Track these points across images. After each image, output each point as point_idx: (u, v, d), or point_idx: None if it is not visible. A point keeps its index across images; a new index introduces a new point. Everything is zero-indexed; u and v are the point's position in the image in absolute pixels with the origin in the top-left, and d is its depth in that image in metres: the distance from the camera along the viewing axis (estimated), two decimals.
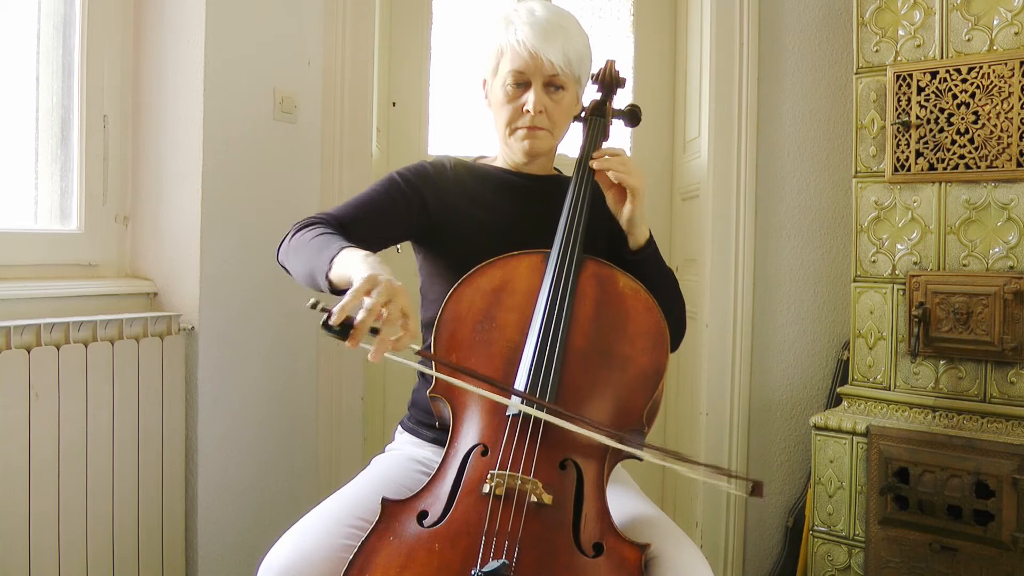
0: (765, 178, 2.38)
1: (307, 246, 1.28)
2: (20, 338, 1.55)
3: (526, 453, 1.16)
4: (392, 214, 1.43)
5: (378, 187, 1.45)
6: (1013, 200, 1.75)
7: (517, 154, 1.48)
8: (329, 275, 1.20)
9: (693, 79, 2.55)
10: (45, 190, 1.82)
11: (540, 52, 1.38)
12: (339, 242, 1.23)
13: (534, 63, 1.39)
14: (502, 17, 1.44)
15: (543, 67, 1.39)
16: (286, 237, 1.36)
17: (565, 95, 1.44)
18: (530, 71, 1.40)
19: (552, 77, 1.41)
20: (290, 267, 1.34)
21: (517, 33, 1.40)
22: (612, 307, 1.31)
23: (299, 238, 1.32)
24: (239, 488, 2.01)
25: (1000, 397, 1.76)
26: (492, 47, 1.44)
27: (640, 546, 1.13)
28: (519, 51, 1.39)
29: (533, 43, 1.38)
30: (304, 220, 1.36)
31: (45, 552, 1.58)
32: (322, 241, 1.26)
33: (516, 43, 1.39)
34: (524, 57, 1.39)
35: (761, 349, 2.40)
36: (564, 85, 1.43)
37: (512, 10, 1.43)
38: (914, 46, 1.86)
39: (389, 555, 1.10)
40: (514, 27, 1.40)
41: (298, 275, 1.31)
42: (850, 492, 1.90)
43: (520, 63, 1.40)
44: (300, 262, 1.29)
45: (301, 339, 2.18)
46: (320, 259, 1.22)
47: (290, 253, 1.33)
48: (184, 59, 1.88)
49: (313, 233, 1.29)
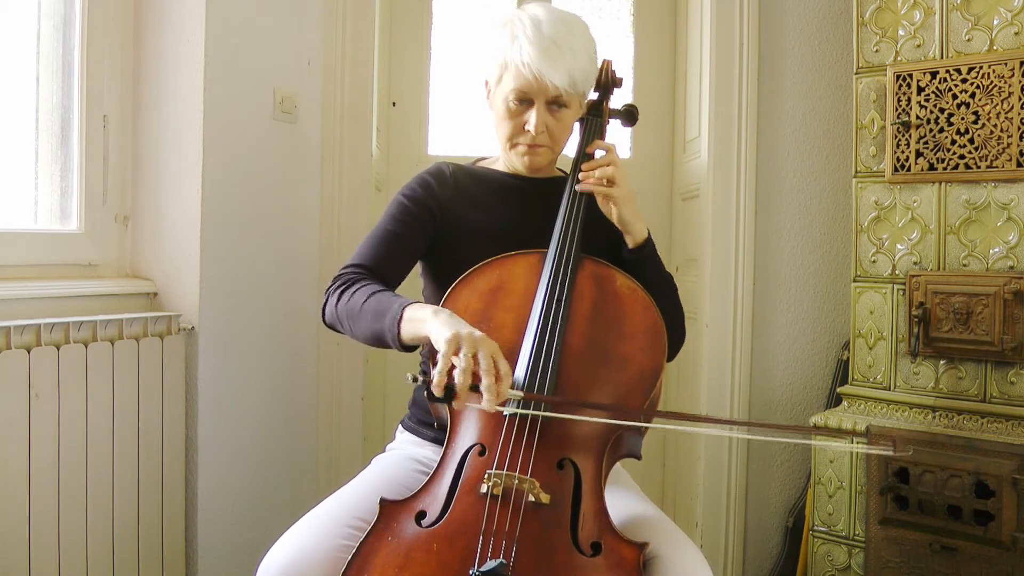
0: (765, 178, 2.38)
1: (362, 312, 1.29)
2: (20, 338, 1.56)
3: (523, 452, 1.17)
4: (411, 240, 1.44)
5: (391, 217, 1.45)
6: (1013, 200, 1.75)
7: (517, 166, 1.48)
8: (402, 339, 1.24)
9: (693, 79, 2.55)
10: (45, 190, 1.82)
11: (544, 75, 1.35)
12: (395, 300, 1.27)
13: (538, 85, 1.37)
14: (507, 27, 1.40)
15: (547, 89, 1.37)
16: (328, 301, 1.37)
17: (568, 112, 1.43)
18: (533, 92, 1.38)
19: (555, 97, 1.39)
20: (346, 331, 1.35)
21: (522, 53, 1.36)
22: (609, 306, 1.31)
23: (347, 304, 1.32)
24: (239, 488, 2.01)
25: (1000, 397, 1.76)
26: (496, 56, 1.41)
27: (638, 545, 1.13)
28: (523, 72, 1.36)
29: (538, 66, 1.35)
30: (340, 280, 1.37)
31: (45, 552, 1.58)
32: (376, 302, 1.28)
33: (520, 64, 1.36)
34: (528, 79, 1.36)
35: (761, 349, 2.39)
36: (567, 103, 1.41)
37: (518, 20, 1.39)
38: (914, 46, 1.86)
39: (387, 555, 1.10)
40: (519, 44, 1.36)
41: (360, 338, 1.33)
42: (850, 492, 1.90)
43: (523, 83, 1.37)
44: (360, 329, 1.31)
45: (301, 339, 2.18)
46: (384, 323, 1.25)
47: (343, 318, 1.34)
48: (184, 59, 1.88)
49: (361, 296, 1.31)
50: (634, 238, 1.42)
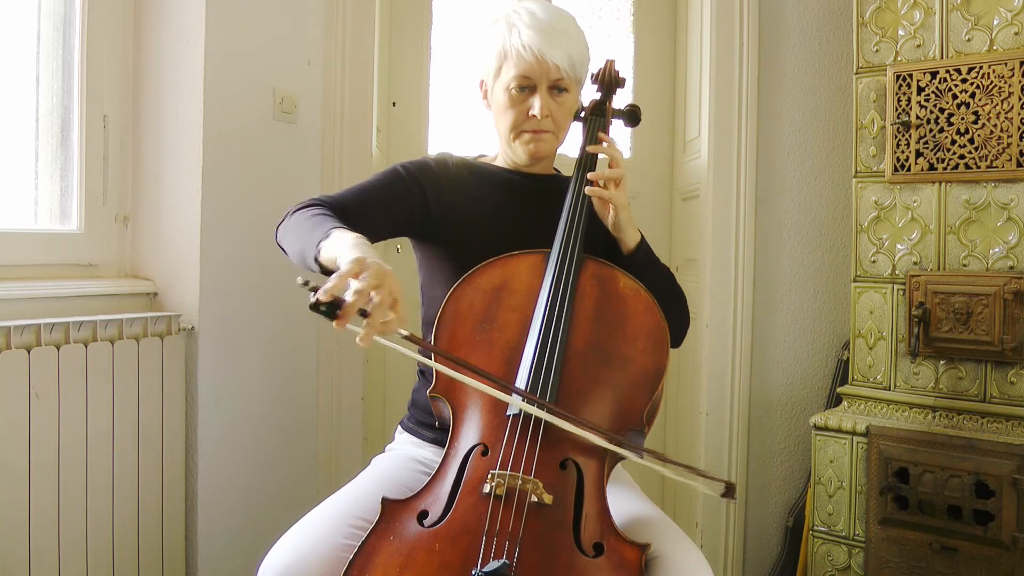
0: (765, 178, 2.38)
1: (302, 225, 1.28)
2: (20, 338, 1.55)
3: (527, 453, 1.16)
4: (392, 204, 1.43)
5: (380, 176, 1.46)
6: (1013, 200, 1.75)
7: (521, 157, 1.48)
8: (319, 254, 1.19)
9: (693, 79, 2.55)
10: (45, 190, 1.82)
11: (545, 55, 1.38)
12: (332, 222, 1.23)
13: (539, 67, 1.39)
14: (503, 20, 1.43)
15: (549, 71, 1.39)
16: (285, 216, 1.36)
17: (568, 97, 1.44)
18: (535, 75, 1.40)
19: (557, 80, 1.41)
20: (285, 246, 1.34)
21: (522, 36, 1.38)
22: (612, 307, 1.31)
23: (296, 217, 1.32)
24: (239, 488, 2.01)
25: (1000, 397, 1.76)
26: (494, 49, 1.43)
27: (640, 546, 1.13)
28: (524, 55, 1.38)
29: (539, 47, 1.37)
30: (304, 201, 1.36)
31: (45, 552, 1.58)
32: (316, 221, 1.25)
33: (521, 47, 1.38)
34: (529, 61, 1.38)
35: (761, 349, 2.40)
36: (568, 88, 1.43)
37: (512, 12, 1.42)
38: (914, 46, 1.86)
39: (389, 555, 1.10)
40: (517, 30, 1.39)
41: (292, 254, 1.31)
42: (850, 492, 1.90)
43: (525, 67, 1.39)
44: (294, 241, 1.29)
45: (301, 339, 2.18)
46: (311, 238, 1.22)
47: (287, 232, 1.33)
48: (184, 59, 1.88)
49: (310, 213, 1.29)
50: (626, 244, 1.43)
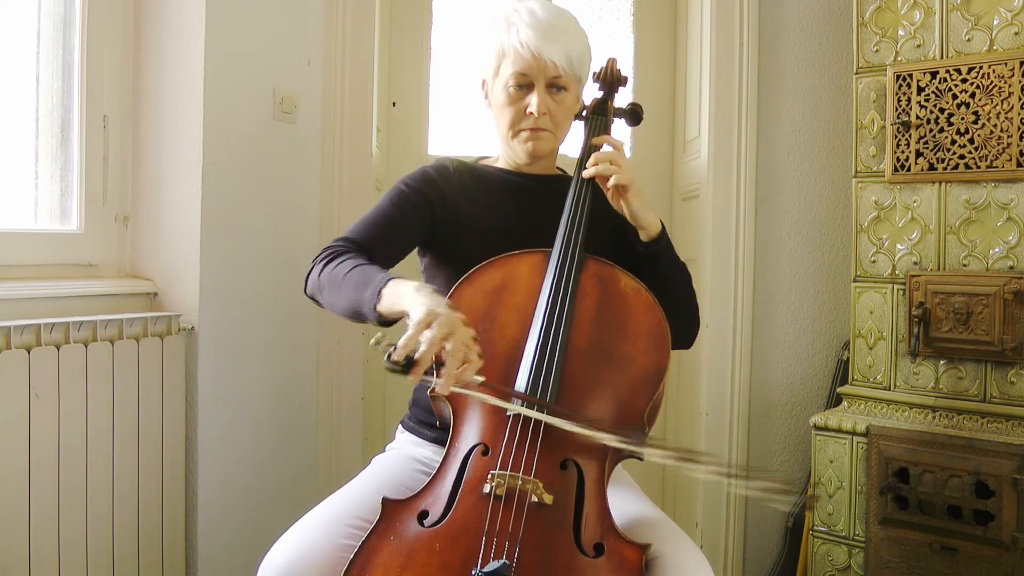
0: (765, 178, 2.38)
1: (345, 281, 1.26)
2: (20, 338, 1.55)
3: (527, 453, 1.16)
4: (406, 227, 1.43)
5: (388, 201, 1.44)
6: (1013, 200, 1.75)
7: (520, 155, 1.47)
8: (379, 310, 1.19)
9: (693, 79, 2.55)
10: (45, 190, 1.82)
11: (543, 53, 1.38)
12: (379, 273, 1.23)
13: (537, 64, 1.39)
14: (502, 18, 1.43)
15: (546, 68, 1.39)
16: (313, 270, 1.34)
17: (567, 95, 1.44)
18: (533, 73, 1.40)
19: (555, 78, 1.41)
20: (325, 301, 1.32)
21: (519, 34, 1.39)
22: (613, 307, 1.31)
23: (331, 272, 1.29)
24: (239, 488, 2.01)
25: (1000, 397, 1.76)
26: (493, 48, 1.43)
27: (641, 546, 1.13)
28: (522, 52, 1.39)
29: (536, 44, 1.38)
30: (328, 250, 1.35)
31: (45, 552, 1.57)
32: (360, 273, 1.25)
33: (519, 45, 1.39)
34: (527, 58, 1.39)
35: (761, 349, 2.40)
36: (566, 86, 1.43)
37: (512, 10, 1.43)
38: (914, 46, 1.86)
39: (389, 555, 1.10)
40: (516, 28, 1.40)
41: (337, 310, 1.29)
42: (850, 492, 1.90)
43: (523, 64, 1.39)
44: (340, 297, 1.27)
45: (301, 339, 2.18)
46: (364, 295, 1.22)
47: (324, 288, 1.31)
48: (184, 59, 1.88)
49: (346, 266, 1.28)
50: (648, 231, 1.41)
